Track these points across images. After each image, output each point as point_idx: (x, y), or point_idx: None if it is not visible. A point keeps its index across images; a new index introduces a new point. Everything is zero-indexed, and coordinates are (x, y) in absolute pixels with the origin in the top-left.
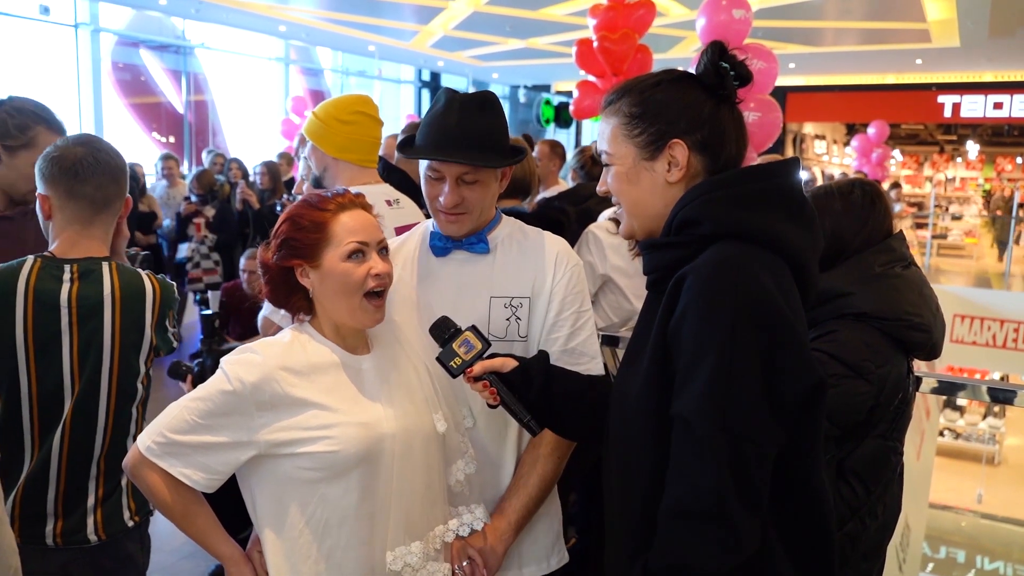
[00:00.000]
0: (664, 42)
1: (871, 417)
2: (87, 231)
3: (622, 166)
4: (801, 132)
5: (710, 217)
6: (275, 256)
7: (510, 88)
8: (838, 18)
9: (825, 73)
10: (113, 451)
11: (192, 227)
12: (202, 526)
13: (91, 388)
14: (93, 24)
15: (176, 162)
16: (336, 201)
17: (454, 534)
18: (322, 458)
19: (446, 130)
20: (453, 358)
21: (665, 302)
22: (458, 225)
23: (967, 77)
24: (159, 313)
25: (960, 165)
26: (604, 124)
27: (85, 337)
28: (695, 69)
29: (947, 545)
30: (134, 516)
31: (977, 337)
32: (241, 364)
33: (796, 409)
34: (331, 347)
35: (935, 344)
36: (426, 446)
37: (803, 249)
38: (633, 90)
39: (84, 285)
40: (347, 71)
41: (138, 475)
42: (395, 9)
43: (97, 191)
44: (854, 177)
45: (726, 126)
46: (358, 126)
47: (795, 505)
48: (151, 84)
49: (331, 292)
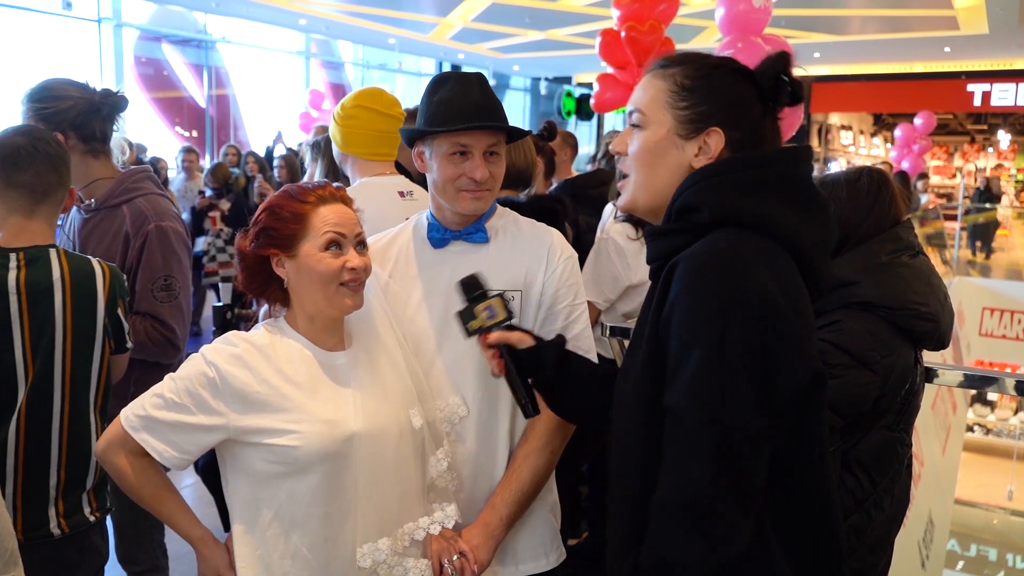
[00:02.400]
0: (686, 32)
1: (877, 408)
2: (29, 220)
3: (653, 134)
4: (827, 123)
5: (708, 203)
6: (252, 244)
7: (531, 80)
8: (863, 5)
9: (851, 62)
10: (73, 439)
11: (208, 221)
12: (172, 509)
13: (45, 375)
14: (116, 19)
15: (196, 155)
16: (316, 193)
17: (424, 531)
18: (284, 452)
19: (474, 103)
20: (472, 320)
21: (658, 291)
22: (483, 201)
23: (997, 65)
24: (109, 295)
25: (991, 155)
26: (648, 85)
27: (37, 322)
28: (756, 70)
29: (977, 542)
30: (95, 512)
31: (1007, 331)
32: (219, 352)
33: (794, 402)
34: (304, 343)
35: (943, 334)
36: (399, 443)
37: (807, 239)
38: (694, 63)
39: (32, 271)
40: (368, 64)
41: (107, 459)
42: (414, 1)
43: (36, 179)
44: (862, 165)
45: (767, 133)
46: (358, 120)
47: (800, 498)
48: (173, 79)
49: (307, 282)
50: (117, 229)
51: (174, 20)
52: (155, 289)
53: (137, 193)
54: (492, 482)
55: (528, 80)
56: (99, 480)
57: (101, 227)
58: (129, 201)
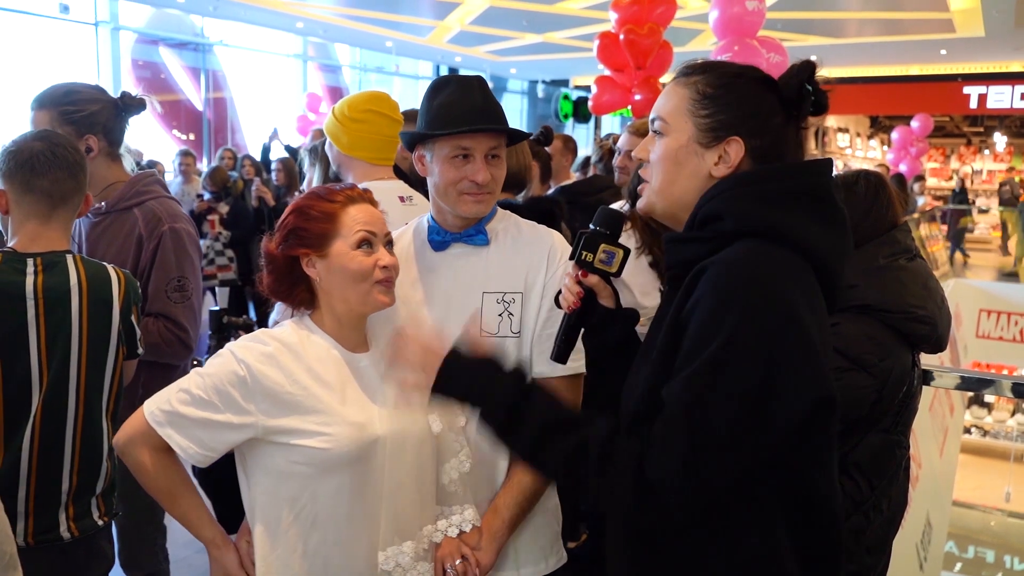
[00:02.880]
0: (683, 35)
1: (874, 411)
2: (46, 225)
3: (674, 141)
4: (823, 125)
5: (734, 213)
6: (281, 246)
7: (528, 83)
8: (860, 8)
9: (847, 65)
10: (86, 444)
11: (206, 224)
12: (186, 507)
13: (60, 381)
14: (113, 22)
15: (194, 159)
16: (345, 193)
17: (443, 534)
18: (312, 454)
19: (475, 106)
20: (588, 251)
21: (682, 293)
22: (485, 204)
23: (993, 67)
24: (124, 301)
25: (988, 157)
26: (671, 93)
27: (52, 327)
28: (780, 79)
29: (975, 544)
30: (103, 516)
31: (1004, 332)
32: (250, 350)
33: (798, 423)
34: (331, 343)
35: (940, 337)
36: (419, 447)
37: (829, 252)
38: (715, 71)
39: (49, 276)
40: (365, 67)
41: (129, 452)
42: (412, 4)
43: (54, 185)
44: (859, 168)
45: (788, 143)
46: (368, 124)
47: (804, 514)
48: (170, 82)
49: (339, 281)
50: (129, 231)
51: (171, 23)
52: (169, 290)
53: (148, 196)
54: (494, 485)
55: (525, 83)
56: (108, 485)
57: (112, 230)
58: (140, 204)
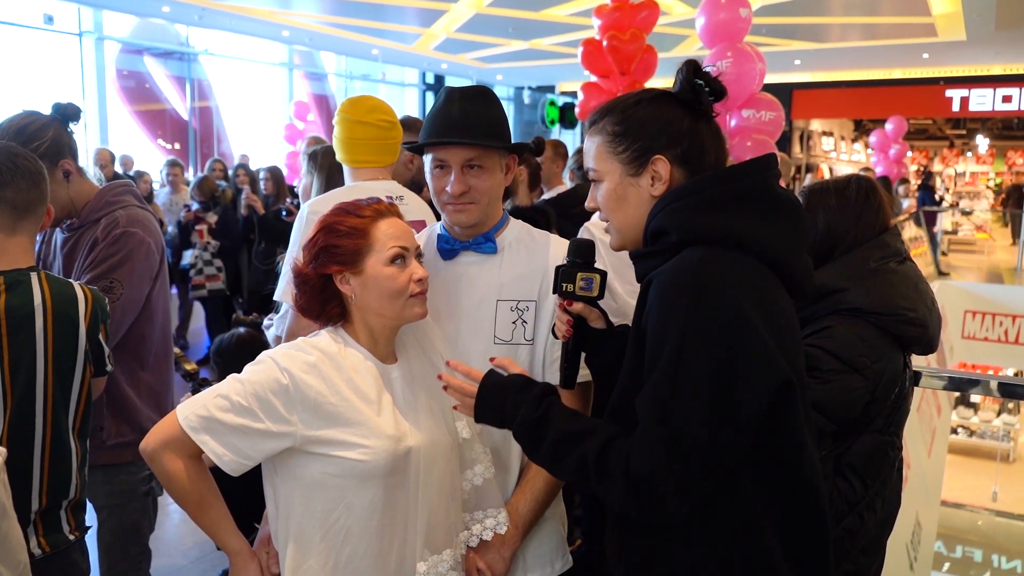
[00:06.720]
0: (668, 41)
1: (867, 412)
2: (11, 239)
3: (610, 183)
4: (808, 129)
5: (674, 226)
6: (312, 264)
7: (514, 89)
8: (843, 13)
9: (831, 69)
10: (54, 464)
11: (195, 234)
12: (215, 516)
13: (25, 402)
14: (97, 32)
15: (181, 168)
16: (373, 208)
17: (478, 539)
18: (351, 466)
19: (449, 118)
20: (568, 282)
21: (638, 304)
22: (466, 214)
23: (975, 71)
24: (91, 319)
25: (970, 160)
26: (589, 143)
27: (15, 350)
28: (673, 87)
29: (963, 544)
30: (74, 531)
31: (989, 333)
32: (293, 359)
33: (763, 410)
34: (366, 354)
35: (931, 339)
36: (448, 456)
37: (776, 244)
38: (615, 109)
39: (12, 296)
40: (351, 75)
41: (158, 459)
42: (397, 12)
43: (17, 195)
44: (851, 173)
45: (704, 139)
46: (339, 128)
47: (787, 500)
48: (155, 91)
49: (375, 297)
50: (88, 240)
51: (156, 33)
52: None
53: (117, 206)
54: (505, 491)
55: (512, 89)
56: (77, 500)
57: (80, 242)
58: (109, 214)
